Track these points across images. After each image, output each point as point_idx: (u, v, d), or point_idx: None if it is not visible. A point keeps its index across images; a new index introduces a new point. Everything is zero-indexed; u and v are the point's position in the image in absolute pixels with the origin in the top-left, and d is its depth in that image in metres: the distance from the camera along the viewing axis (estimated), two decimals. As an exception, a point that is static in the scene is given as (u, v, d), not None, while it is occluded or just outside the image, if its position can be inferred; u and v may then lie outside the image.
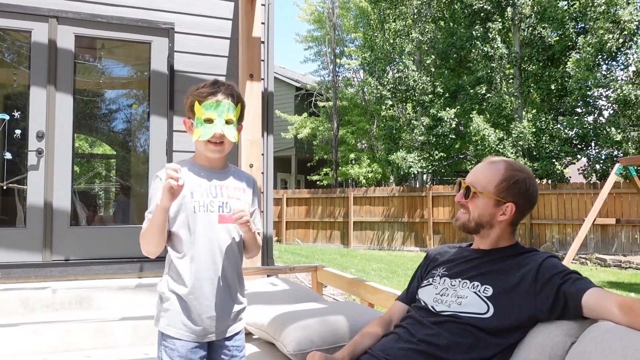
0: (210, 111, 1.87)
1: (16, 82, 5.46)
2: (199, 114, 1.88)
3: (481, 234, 1.84)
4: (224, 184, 1.96)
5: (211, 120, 1.87)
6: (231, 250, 1.93)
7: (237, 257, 1.98)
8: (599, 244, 13.13)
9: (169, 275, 1.92)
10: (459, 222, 1.87)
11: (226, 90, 1.91)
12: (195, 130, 1.89)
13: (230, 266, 1.93)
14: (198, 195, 1.89)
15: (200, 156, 1.97)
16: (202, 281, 1.87)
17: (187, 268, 1.87)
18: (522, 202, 1.80)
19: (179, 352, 1.84)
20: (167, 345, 1.86)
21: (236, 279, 1.97)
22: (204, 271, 1.88)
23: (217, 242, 1.90)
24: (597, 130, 14.39)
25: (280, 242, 17.19)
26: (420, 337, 1.69)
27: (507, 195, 1.78)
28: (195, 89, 1.93)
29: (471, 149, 16.12)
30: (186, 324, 1.86)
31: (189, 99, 1.92)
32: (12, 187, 5.02)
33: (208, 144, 1.89)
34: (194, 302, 1.86)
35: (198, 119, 1.89)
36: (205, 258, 1.88)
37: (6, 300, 4.11)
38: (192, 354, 1.86)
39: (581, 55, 14.00)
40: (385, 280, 8.95)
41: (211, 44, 5.47)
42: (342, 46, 23.25)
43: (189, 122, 1.95)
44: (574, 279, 1.61)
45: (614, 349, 1.37)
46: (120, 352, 3.79)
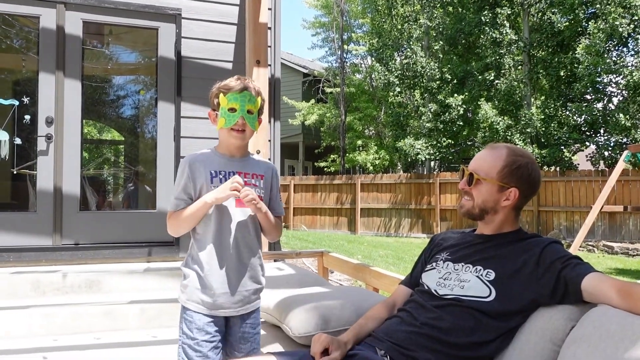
0: (234, 101, 2.03)
1: (25, 67, 5.49)
2: (224, 103, 2.04)
3: (485, 219, 1.86)
4: (242, 171, 2.09)
5: (234, 109, 2.03)
6: (247, 232, 2.08)
7: (254, 238, 2.11)
8: (607, 231, 13.10)
9: (190, 253, 2.09)
10: (463, 209, 1.89)
11: (248, 84, 2.09)
12: (220, 119, 2.05)
13: (247, 247, 2.07)
14: (217, 182, 2.04)
15: (223, 145, 2.13)
16: (219, 260, 2.02)
17: (205, 247, 2.03)
18: (525, 186, 1.81)
19: (196, 324, 2.00)
20: (187, 318, 2.03)
21: (253, 259, 2.10)
22: (221, 251, 2.02)
23: (234, 224, 2.05)
24: (607, 116, 14.27)
25: (288, 229, 17.27)
26: (423, 321, 1.72)
27: (510, 180, 1.80)
28: (220, 83, 2.11)
29: (479, 135, 16.06)
30: (203, 298, 2.01)
31: (214, 92, 2.09)
32: (23, 173, 5.08)
33: (231, 131, 2.05)
34: (210, 279, 2.01)
35: (222, 109, 2.04)
36: (222, 239, 2.03)
37: (18, 283, 4.18)
38: (208, 327, 2.01)
39: (591, 41, 13.84)
40: (392, 266, 8.99)
41: (218, 29, 5.47)
42: (349, 32, 23.12)
43: (214, 113, 2.11)
44: (575, 264, 1.63)
45: (611, 332, 1.40)
46: (129, 335, 3.85)
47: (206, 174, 2.03)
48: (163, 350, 3.55)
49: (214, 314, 2.02)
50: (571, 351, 1.47)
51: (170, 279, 4.50)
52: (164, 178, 5.25)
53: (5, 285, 4.15)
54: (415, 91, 17.73)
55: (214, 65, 5.40)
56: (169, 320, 3.99)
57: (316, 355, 1.69)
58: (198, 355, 1.98)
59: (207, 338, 1.99)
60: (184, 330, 2.03)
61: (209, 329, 2.00)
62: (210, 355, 1.99)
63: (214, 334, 2.01)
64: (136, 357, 3.41)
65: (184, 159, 2.08)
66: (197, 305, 2.02)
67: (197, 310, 2.01)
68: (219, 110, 2.05)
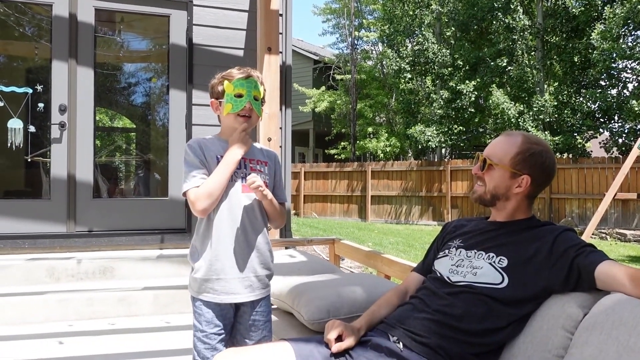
0: (240, 87, 2.03)
1: (38, 55, 5.53)
2: (230, 90, 2.04)
3: (497, 206, 1.86)
4: (247, 157, 2.08)
5: (241, 95, 2.04)
6: (255, 218, 2.06)
7: (261, 224, 2.09)
8: (620, 218, 12.99)
9: (195, 242, 2.08)
10: (475, 195, 1.90)
11: (253, 72, 2.10)
12: (226, 105, 2.05)
13: (255, 232, 2.06)
14: None
15: (226, 131, 2.11)
16: (228, 245, 2.01)
17: (213, 233, 2.01)
18: (537, 174, 1.80)
19: (205, 317, 2.01)
20: (196, 310, 2.03)
21: (262, 244, 2.09)
22: (229, 238, 2.01)
23: (240, 210, 2.03)
24: (621, 103, 14.09)
25: (298, 216, 17.32)
26: (435, 307, 1.73)
27: (522, 167, 1.79)
28: (224, 72, 2.10)
29: (490, 122, 15.94)
30: (213, 286, 2.01)
31: (217, 81, 2.10)
32: (37, 160, 5.13)
33: (238, 117, 2.05)
34: (220, 264, 2.00)
35: (228, 95, 2.04)
36: (229, 225, 2.02)
37: (33, 270, 4.24)
38: (217, 319, 2.01)
39: (606, 26, 13.62)
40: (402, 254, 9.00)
41: (230, 16, 5.46)
42: (360, 18, 22.94)
43: (216, 102, 2.11)
44: (588, 251, 1.62)
45: (624, 320, 1.40)
46: (142, 320, 3.91)
47: (212, 157, 2.03)
48: (176, 336, 3.59)
49: (224, 300, 2.01)
50: (583, 338, 1.47)
51: (183, 265, 4.54)
52: (175, 166, 5.27)
53: (21, 271, 4.21)
54: (426, 78, 17.61)
55: (225, 52, 5.40)
56: (182, 306, 4.04)
57: (330, 342, 1.70)
58: (206, 348, 1.99)
59: (216, 331, 2.00)
60: (195, 323, 2.04)
61: (217, 322, 2.01)
62: (219, 347, 2.00)
63: (222, 327, 2.02)
64: (150, 342, 3.46)
65: (192, 141, 2.07)
66: (207, 295, 2.01)
67: (207, 300, 2.01)
68: (224, 97, 2.05)
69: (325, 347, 1.70)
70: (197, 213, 2.00)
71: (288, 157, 5.63)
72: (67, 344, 3.39)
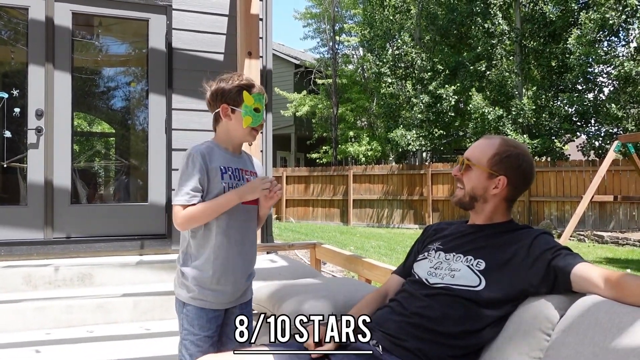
0: (259, 102, 2.08)
1: (14, 59, 5.44)
2: (250, 102, 2.05)
3: (476, 208, 1.88)
4: (244, 168, 2.15)
5: (259, 110, 2.08)
6: (250, 228, 2.13)
7: (255, 233, 2.18)
8: (597, 221, 13.21)
9: (189, 249, 2.07)
10: (455, 199, 1.93)
11: (261, 87, 2.15)
12: (246, 117, 2.05)
13: (250, 243, 2.13)
14: (227, 178, 2.05)
15: (228, 140, 2.12)
16: (223, 258, 2.03)
17: (210, 243, 2.02)
18: (513, 176, 1.83)
19: (198, 321, 2.02)
20: (189, 314, 2.03)
21: (254, 251, 2.17)
22: (226, 249, 2.03)
23: (239, 222, 2.08)
24: (597, 107, 14.34)
25: (280, 220, 17.28)
26: (413, 310, 1.74)
27: (499, 168, 1.82)
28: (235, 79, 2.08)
29: (470, 126, 16.10)
30: (206, 295, 2.02)
31: (234, 89, 2.06)
32: (13, 166, 5.04)
33: (252, 131, 2.09)
34: (216, 276, 2.02)
35: (248, 107, 2.05)
36: (229, 234, 2.04)
37: (9, 277, 4.17)
38: (210, 322, 2.04)
39: (582, 31, 13.88)
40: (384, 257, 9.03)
41: (209, 21, 5.44)
42: (341, 23, 23.04)
43: (228, 108, 2.07)
44: (564, 254, 1.65)
45: (599, 321, 1.42)
46: (121, 328, 3.86)
47: (216, 169, 2.02)
48: (156, 343, 3.56)
49: (218, 307, 2.05)
50: (560, 340, 1.50)
51: (163, 271, 4.50)
52: (155, 170, 5.23)
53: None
54: (407, 82, 17.73)
55: (205, 56, 5.38)
56: (162, 313, 4.00)
57: (310, 346, 1.70)
58: (199, 351, 2.01)
59: (209, 334, 2.03)
60: (186, 326, 2.03)
61: (210, 325, 2.03)
62: (210, 350, 2.02)
63: (215, 330, 2.05)
64: (129, 350, 3.42)
65: (194, 151, 2.02)
66: (201, 302, 2.02)
67: (200, 307, 2.02)
68: (242, 107, 2.05)
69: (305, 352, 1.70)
70: (176, 226, 2.01)
71: (269, 161, 5.62)
72: (45, 352, 3.34)
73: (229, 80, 2.08)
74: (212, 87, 2.11)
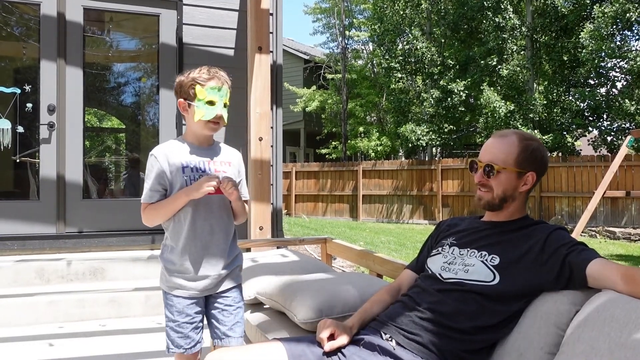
0: (213, 94, 2.08)
1: (26, 55, 5.48)
2: (202, 96, 2.08)
3: (503, 208, 1.85)
4: (211, 159, 2.17)
5: (213, 103, 2.09)
6: (221, 217, 2.16)
7: (227, 222, 2.20)
8: (609, 216, 13.09)
9: (166, 241, 2.18)
10: (483, 201, 1.86)
11: (223, 77, 2.15)
12: (197, 110, 2.09)
13: (222, 231, 2.16)
14: (188, 171, 2.10)
15: (192, 135, 2.17)
16: (195, 245, 2.10)
17: (181, 233, 2.10)
18: (540, 168, 1.84)
19: (176, 307, 2.11)
20: (168, 302, 2.14)
21: (229, 242, 2.19)
22: (197, 236, 2.10)
23: (209, 210, 2.12)
24: (610, 102, 14.19)
25: (290, 216, 17.30)
26: (426, 305, 1.73)
27: (527, 165, 1.81)
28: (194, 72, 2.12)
29: (481, 121, 16.00)
30: (181, 283, 2.11)
31: (188, 82, 2.10)
32: (25, 161, 5.08)
33: (208, 123, 2.11)
34: (188, 264, 2.10)
35: (200, 101, 2.08)
36: (197, 224, 2.10)
37: (22, 271, 4.21)
38: (188, 309, 2.11)
39: (595, 25, 13.72)
40: (394, 252, 9.02)
41: (220, 16, 5.44)
42: (351, 18, 22.95)
43: (185, 103, 2.13)
44: (580, 250, 1.63)
45: (615, 317, 1.41)
46: (133, 322, 3.89)
47: (177, 165, 2.08)
48: (168, 336, 3.57)
49: (194, 295, 2.11)
50: (575, 335, 1.48)
51: (174, 266, 4.52)
52: (166, 166, 5.24)
53: (10, 273, 4.17)
54: (417, 77, 17.66)
55: (215, 52, 5.38)
56: (173, 307, 4.02)
57: (322, 341, 1.70)
58: (179, 336, 2.10)
59: (188, 320, 2.10)
60: (166, 313, 2.14)
61: (189, 311, 2.11)
62: (192, 335, 2.11)
63: (194, 316, 2.12)
64: (141, 343, 3.44)
65: (153, 151, 2.12)
66: (177, 290, 2.11)
67: (177, 295, 2.11)
68: (195, 101, 2.08)
69: (318, 347, 1.70)
70: (143, 222, 2.15)
71: (279, 156, 5.62)
72: (57, 345, 3.37)
73: (188, 74, 2.13)
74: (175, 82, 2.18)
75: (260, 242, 4.34)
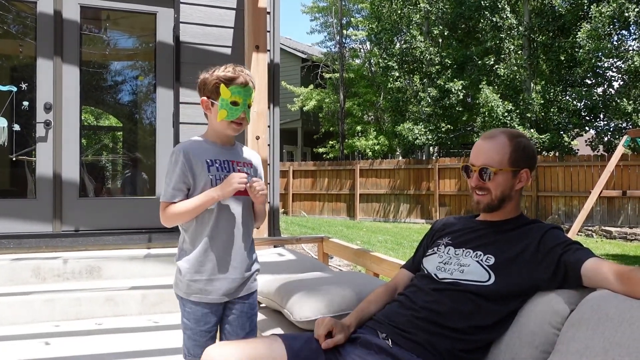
0: (237, 95, 2.02)
1: (22, 53, 5.46)
2: (226, 95, 2.01)
3: (502, 208, 1.86)
4: (234, 160, 2.11)
5: (237, 103, 2.02)
6: (243, 219, 2.09)
7: (249, 225, 2.14)
8: (605, 216, 13.13)
9: (184, 244, 2.09)
10: (482, 204, 1.86)
11: (248, 77, 2.07)
12: (221, 110, 2.02)
13: (244, 234, 2.10)
14: (214, 170, 2.03)
15: (214, 134, 2.11)
16: (216, 249, 2.03)
17: (203, 236, 2.02)
18: (532, 163, 1.86)
19: (194, 315, 2.03)
20: (185, 309, 2.05)
21: (249, 246, 2.14)
22: (219, 240, 2.03)
23: (231, 213, 2.06)
24: (607, 101, 14.22)
25: (287, 214, 17.29)
26: (422, 304, 1.74)
27: (521, 163, 1.82)
28: (219, 70, 2.04)
29: (478, 120, 16.01)
30: (202, 287, 2.02)
31: (213, 80, 2.03)
32: (22, 159, 5.07)
33: (231, 123, 2.04)
34: (209, 269, 2.02)
35: (224, 100, 2.01)
36: (221, 228, 2.03)
37: (18, 270, 4.20)
38: (207, 317, 2.03)
39: (592, 25, 13.74)
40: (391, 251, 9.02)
41: (217, 14, 5.43)
42: (348, 17, 22.94)
43: (208, 101, 2.07)
44: (575, 249, 1.64)
45: (610, 316, 1.41)
46: (130, 320, 3.88)
47: (202, 163, 2.01)
48: (165, 335, 3.57)
49: (214, 300, 2.03)
50: (570, 334, 1.49)
51: (171, 265, 4.52)
52: (163, 164, 5.24)
53: (5, 272, 4.16)
54: (414, 76, 17.65)
55: (212, 50, 5.37)
56: (170, 306, 4.02)
57: (320, 338, 1.71)
58: (195, 344, 2.03)
59: (205, 328, 2.03)
60: (183, 320, 2.07)
61: (207, 319, 2.03)
62: (209, 344, 2.00)
63: (213, 324, 2.05)
64: (138, 342, 3.44)
65: (176, 148, 2.05)
66: (196, 296, 2.02)
67: (197, 301, 2.02)
68: (219, 101, 2.02)
69: (316, 343, 1.71)
70: (162, 223, 2.05)
71: (276, 155, 5.62)
72: (54, 344, 3.36)
73: (212, 72, 2.06)
74: (199, 79, 2.11)
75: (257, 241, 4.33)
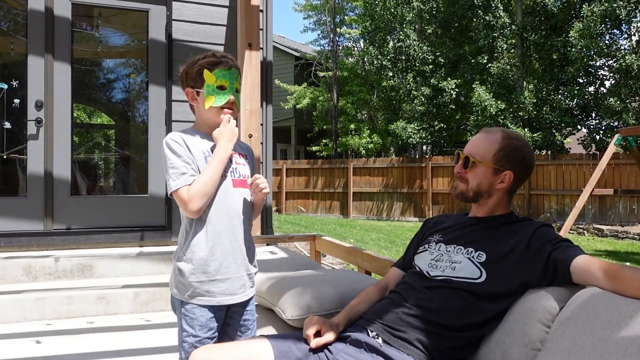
0: (223, 78, 1.91)
1: (13, 50, 5.42)
2: (211, 81, 1.91)
3: (479, 202, 1.88)
4: (233, 151, 1.98)
5: (224, 87, 1.91)
6: (245, 214, 1.97)
7: (250, 220, 2.02)
8: (597, 214, 13.21)
9: (186, 243, 1.92)
10: (457, 191, 1.91)
11: (232, 61, 1.96)
12: (208, 97, 1.91)
13: (245, 230, 1.97)
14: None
15: (204, 125, 1.98)
16: (221, 245, 1.89)
17: (205, 233, 1.89)
18: (519, 169, 1.84)
19: (198, 320, 1.87)
20: (187, 314, 1.88)
21: (250, 241, 2.01)
22: (223, 235, 1.90)
23: (233, 206, 1.94)
24: (598, 100, 14.30)
25: (280, 213, 17.28)
26: (413, 302, 1.74)
27: (505, 163, 1.82)
28: (200, 59, 1.95)
29: (471, 119, 16.07)
30: (208, 290, 1.88)
31: (195, 68, 1.94)
32: (13, 157, 5.04)
33: (221, 110, 1.93)
34: (215, 268, 1.88)
35: (210, 86, 1.91)
36: (223, 221, 1.91)
37: (9, 268, 4.18)
38: (211, 322, 1.88)
39: (584, 24, 13.81)
40: (384, 250, 9.04)
41: (210, 12, 5.41)
42: (342, 15, 22.93)
43: (193, 91, 1.96)
44: (564, 246, 1.65)
45: (599, 313, 1.42)
46: (121, 319, 3.87)
47: (199, 153, 1.89)
48: (157, 334, 3.57)
49: (222, 302, 1.89)
50: (560, 332, 1.50)
51: (163, 263, 4.51)
52: (155, 162, 5.23)
53: (-3, 270, 4.14)
54: (408, 75, 17.68)
55: (205, 48, 5.35)
56: (162, 304, 4.01)
57: (309, 337, 1.70)
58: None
59: (210, 335, 1.87)
60: (184, 327, 1.87)
61: (211, 325, 1.88)
62: None
63: (215, 330, 1.90)
64: (130, 341, 3.43)
65: (174, 136, 1.89)
66: (202, 299, 1.87)
67: (201, 304, 1.87)
68: (204, 87, 1.91)
69: (304, 343, 1.70)
70: (191, 214, 1.84)
71: (269, 153, 5.61)
72: (45, 343, 3.35)
73: (193, 61, 1.96)
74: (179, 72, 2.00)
75: (249, 239, 4.33)
